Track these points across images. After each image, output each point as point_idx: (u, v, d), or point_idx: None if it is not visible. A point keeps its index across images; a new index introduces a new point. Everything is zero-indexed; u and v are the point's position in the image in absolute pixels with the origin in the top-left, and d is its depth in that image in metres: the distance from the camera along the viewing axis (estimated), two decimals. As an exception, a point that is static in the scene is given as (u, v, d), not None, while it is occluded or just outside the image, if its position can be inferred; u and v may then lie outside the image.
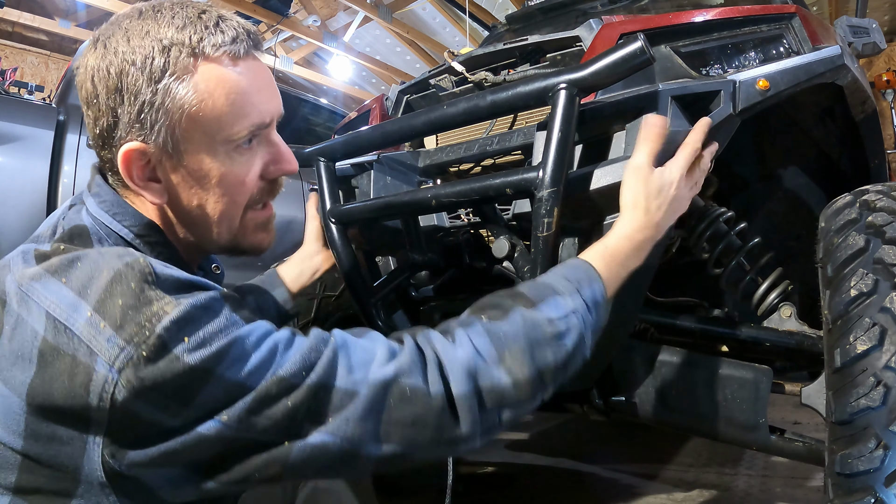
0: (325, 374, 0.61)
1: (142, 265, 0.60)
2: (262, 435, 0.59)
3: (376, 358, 0.64)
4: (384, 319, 1.20)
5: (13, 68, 5.00)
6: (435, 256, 1.19)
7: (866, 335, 0.81)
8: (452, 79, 1.35)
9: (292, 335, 0.64)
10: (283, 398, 0.59)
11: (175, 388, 0.56)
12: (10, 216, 2.33)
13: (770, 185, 1.60)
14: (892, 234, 0.89)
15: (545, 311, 0.70)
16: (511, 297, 0.73)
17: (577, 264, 0.78)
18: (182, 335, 0.56)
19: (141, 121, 0.67)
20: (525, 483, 1.99)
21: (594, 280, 0.76)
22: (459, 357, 0.65)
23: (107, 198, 0.73)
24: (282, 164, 0.78)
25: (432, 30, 7.45)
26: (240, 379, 0.58)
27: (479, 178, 0.99)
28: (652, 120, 0.87)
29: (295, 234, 3.20)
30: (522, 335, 0.67)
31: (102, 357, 0.55)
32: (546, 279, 0.76)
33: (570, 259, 0.80)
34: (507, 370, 0.66)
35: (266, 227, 0.82)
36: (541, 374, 0.67)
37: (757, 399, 1.03)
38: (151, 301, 0.57)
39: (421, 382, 0.63)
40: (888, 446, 0.74)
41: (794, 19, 1.21)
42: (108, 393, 0.55)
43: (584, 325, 0.72)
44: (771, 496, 1.68)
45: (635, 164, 0.85)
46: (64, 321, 0.57)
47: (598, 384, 1.19)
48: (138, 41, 0.67)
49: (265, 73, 0.75)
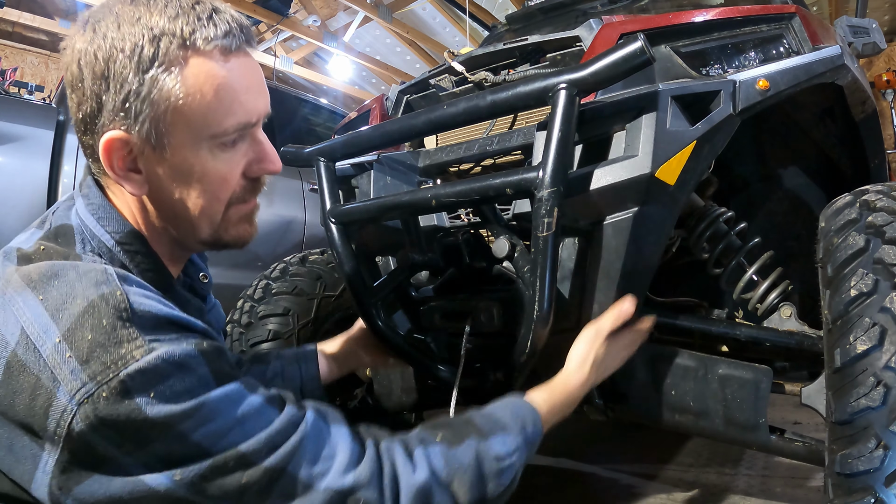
0: (286, 460, 0.61)
1: (118, 299, 0.58)
2: (211, 502, 0.58)
3: (337, 460, 0.65)
4: (384, 319, 1.20)
5: (13, 68, 5.00)
6: (435, 256, 1.19)
7: (866, 335, 0.81)
8: (452, 79, 1.35)
9: (266, 405, 0.64)
10: (238, 472, 0.59)
11: (132, 433, 0.55)
12: (10, 216, 2.33)
13: (770, 185, 1.60)
14: (892, 234, 0.89)
15: (495, 445, 0.76)
16: (465, 423, 0.79)
17: (524, 405, 0.86)
18: (147, 388, 0.56)
19: (126, 109, 0.65)
20: (525, 483, 1.98)
21: (537, 422, 0.84)
22: (416, 479, 0.69)
23: (94, 200, 0.72)
24: (265, 164, 0.76)
25: (432, 30, 7.45)
26: (201, 442, 0.57)
27: (479, 178, 0.99)
28: (627, 305, 0.99)
29: (295, 234, 3.21)
30: (475, 466, 0.73)
31: (64, 386, 0.55)
32: (496, 413, 0.82)
33: (517, 399, 0.87)
34: (452, 494, 0.71)
35: (249, 220, 0.80)
36: (481, 503, 0.73)
37: (757, 399, 1.03)
38: (122, 342, 0.56)
39: (376, 496, 0.65)
40: (888, 446, 0.74)
41: (794, 19, 1.21)
42: (66, 421, 0.55)
43: (520, 462, 0.79)
44: (771, 496, 1.68)
45: (597, 329, 0.98)
46: (35, 340, 0.57)
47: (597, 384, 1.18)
48: (128, 28, 0.65)
49: (255, 70, 0.73)
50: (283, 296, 1.71)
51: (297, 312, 1.68)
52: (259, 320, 1.66)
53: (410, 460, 0.70)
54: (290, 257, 1.90)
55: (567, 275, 1.04)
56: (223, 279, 2.62)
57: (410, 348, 1.22)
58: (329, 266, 1.83)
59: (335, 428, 0.69)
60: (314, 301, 1.73)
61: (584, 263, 1.03)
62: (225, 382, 0.61)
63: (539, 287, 0.91)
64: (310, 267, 1.81)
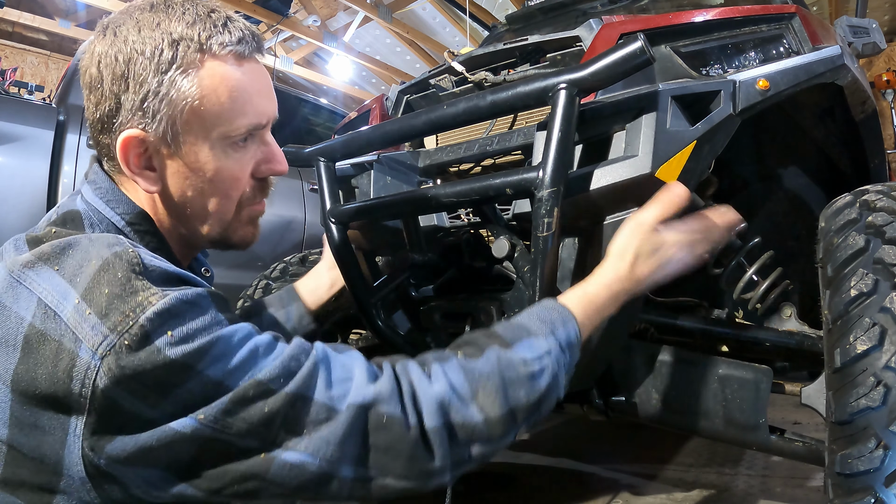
0: (304, 384, 0.62)
1: (130, 255, 0.61)
2: (239, 439, 0.59)
3: (355, 378, 0.65)
4: (384, 319, 1.20)
5: (13, 68, 5.00)
6: (435, 256, 1.19)
7: (866, 335, 0.81)
8: (452, 79, 1.35)
9: (274, 341, 0.65)
10: (260, 402, 0.59)
11: (154, 379, 0.57)
12: (10, 216, 2.33)
13: (770, 185, 1.60)
14: (892, 234, 0.89)
15: (520, 351, 0.71)
16: (487, 336, 0.74)
17: (552, 305, 0.78)
18: (165, 328, 0.58)
19: (143, 109, 0.69)
20: (525, 483, 1.99)
21: (568, 321, 0.77)
22: (434, 391, 0.66)
23: (102, 185, 0.75)
24: (273, 164, 0.80)
25: (432, 30, 7.45)
26: (219, 378, 0.59)
27: (479, 178, 0.99)
28: (677, 189, 0.87)
29: (295, 234, 3.21)
30: (497, 373, 0.69)
31: (86, 343, 0.56)
32: (521, 320, 0.77)
33: (546, 300, 0.80)
34: (479, 407, 0.67)
35: (254, 222, 0.84)
36: (513, 413, 0.68)
37: (757, 399, 1.03)
38: (137, 291, 0.58)
39: (398, 411, 0.64)
40: (888, 446, 0.74)
41: (794, 19, 1.21)
42: (91, 379, 0.56)
43: (558, 366, 0.73)
44: (771, 496, 1.68)
45: (639, 219, 0.85)
46: (54, 307, 0.58)
47: (598, 384, 1.19)
48: (149, 32, 0.69)
49: (265, 75, 0.78)
50: (283, 296, 1.70)
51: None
52: (259, 320, 1.66)
53: (428, 377, 0.68)
54: (290, 257, 1.90)
55: (567, 275, 1.04)
56: (223, 279, 2.61)
57: (411, 348, 1.22)
58: (329, 266, 1.83)
59: (346, 353, 0.69)
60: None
61: (584, 263, 1.03)
62: (233, 324, 0.63)
63: (539, 287, 0.91)
64: (310, 267, 1.81)
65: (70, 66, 2.78)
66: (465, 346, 0.73)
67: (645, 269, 0.83)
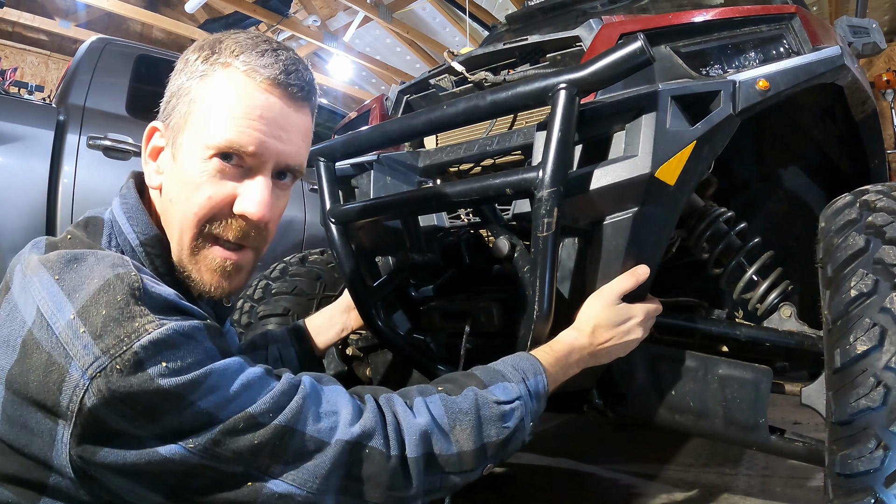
0: (293, 418, 0.64)
1: (132, 279, 0.61)
2: (226, 466, 0.60)
3: (341, 413, 0.68)
4: (384, 319, 1.20)
5: (13, 68, 5.00)
6: (435, 256, 1.19)
7: (866, 335, 0.81)
8: (452, 79, 1.35)
9: (266, 375, 0.66)
10: (250, 434, 0.61)
11: (144, 405, 0.57)
12: (10, 216, 2.33)
13: (770, 185, 1.60)
14: (892, 234, 0.89)
15: (495, 392, 0.78)
16: (465, 376, 0.81)
17: (525, 357, 0.86)
18: (160, 358, 0.58)
19: (167, 104, 0.75)
20: (525, 483, 1.98)
21: (539, 373, 0.84)
22: (418, 423, 0.71)
23: (129, 200, 0.77)
24: (243, 203, 0.73)
25: (432, 30, 7.45)
26: (210, 409, 0.59)
27: (479, 178, 0.99)
28: (642, 270, 0.97)
29: (295, 234, 3.20)
30: (474, 411, 0.74)
31: (77, 362, 0.57)
32: (497, 366, 0.83)
33: (518, 354, 0.87)
34: (455, 441, 0.73)
35: (219, 271, 0.75)
36: (484, 448, 0.75)
37: (757, 399, 1.03)
38: (134, 317, 0.59)
39: (381, 444, 0.68)
40: (888, 447, 0.74)
41: (794, 19, 1.21)
42: (78, 397, 0.56)
43: (526, 410, 0.79)
44: (771, 496, 1.68)
45: (608, 288, 0.95)
46: (48, 319, 0.59)
47: (598, 384, 1.18)
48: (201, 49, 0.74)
49: (289, 117, 0.74)
50: (282, 296, 1.70)
51: (296, 312, 1.68)
52: (259, 320, 1.66)
53: (411, 409, 0.73)
54: (290, 257, 1.90)
55: (567, 275, 1.04)
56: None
57: (410, 348, 1.22)
58: (329, 266, 1.83)
59: (332, 388, 0.72)
60: (314, 301, 1.73)
61: (584, 263, 1.03)
62: (227, 357, 0.64)
63: (539, 287, 0.91)
64: (309, 267, 1.81)
65: (70, 66, 2.77)
66: (446, 384, 0.79)
67: (602, 338, 0.93)
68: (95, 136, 2.53)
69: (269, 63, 0.71)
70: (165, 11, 7.06)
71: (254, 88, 0.71)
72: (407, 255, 1.20)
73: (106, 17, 6.79)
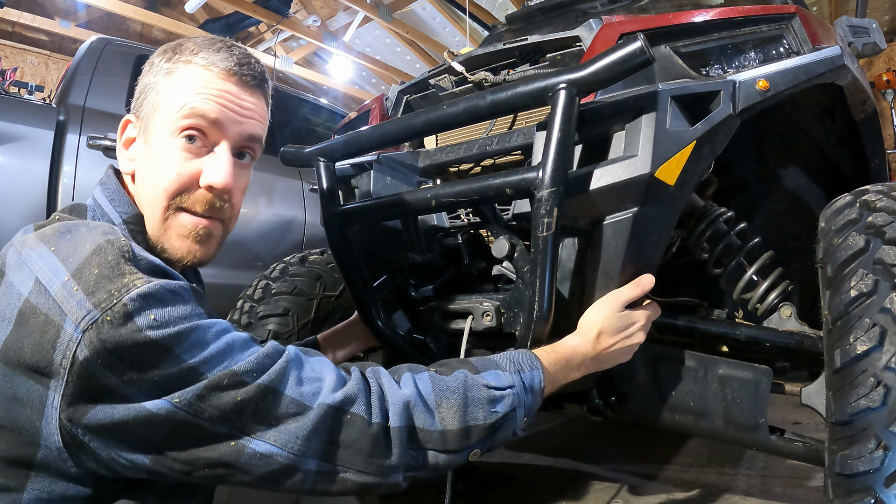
0: (276, 380, 0.66)
1: (122, 243, 0.65)
2: (210, 424, 0.62)
3: (325, 379, 0.70)
4: (384, 319, 1.20)
5: (13, 68, 5.00)
6: (435, 256, 1.19)
7: (866, 335, 0.81)
8: (452, 79, 1.35)
9: (251, 340, 0.69)
10: (233, 391, 0.63)
11: (133, 357, 0.60)
12: (10, 216, 2.33)
13: (770, 185, 1.60)
14: (892, 234, 0.89)
15: (486, 377, 0.79)
16: (459, 362, 0.82)
17: (524, 352, 0.86)
18: (148, 311, 0.61)
19: (137, 99, 0.81)
20: (525, 483, 1.98)
21: (535, 368, 0.84)
22: (402, 394, 0.72)
23: (110, 186, 0.81)
24: (208, 175, 0.78)
25: (432, 30, 7.45)
26: (194, 364, 0.62)
27: (479, 178, 0.99)
28: (648, 280, 0.99)
29: (295, 234, 3.21)
30: (461, 390, 0.75)
31: (70, 317, 0.60)
32: (493, 357, 0.84)
33: (518, 349, 0.88)
34: (440, 417, 0.73)
35: (191, 236, 0.79)
36: (468, 431, 0.75)
37: (757, 399, 1.03)
38: (124, 274, 0.62)
39: (363, 410, 0.69)
40: (888, 447, 0.74)
41: (794, 19, 1.21)
42: (71, 350, 0.59)
43: (518, 401, 0.79)
44: (771, 496, 1.68)
45: (615, 295, 0.96)
46: (45, 283, 0.62)
47: (598, 384, 1.19)
48: (164, 52, 0.81)
49: (244, 100, 0.80)
50: (282, 296, 1.71)
51: (296, 312, 1.68)
52: (259, 320, 1.66)
53: (397, 382, 0.74)
54: (290, 257, 1.90)
55: (567, 275, 1.04)
56: (223, 279, 2.62)
57: (410, 348, 1.22)
58: (329, 266, 1.83)
59: (317, 359, 0.74)
60: (314, 301, 1.73)
61: (584, 263, 1.03)
62: (211, 318, 0.67)
63: (539, 287, 0.91)
64: (309, 267, 1.81)
65: (70, 66, 2.77)
66: (438, 366, 0.81)
67: (605, 344, 0.94)
68: (95, 136, 2.53)
69: (224, 57, 0.79)
70: (165, 11, 7.06)
71: (213, 77, 0.78)
72: (407, 255, 1.20)
73: (106, 17, 6.79)
